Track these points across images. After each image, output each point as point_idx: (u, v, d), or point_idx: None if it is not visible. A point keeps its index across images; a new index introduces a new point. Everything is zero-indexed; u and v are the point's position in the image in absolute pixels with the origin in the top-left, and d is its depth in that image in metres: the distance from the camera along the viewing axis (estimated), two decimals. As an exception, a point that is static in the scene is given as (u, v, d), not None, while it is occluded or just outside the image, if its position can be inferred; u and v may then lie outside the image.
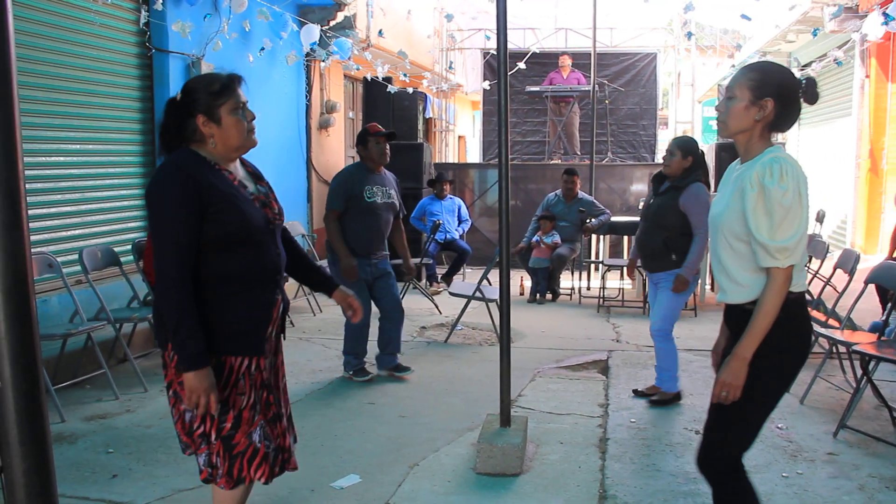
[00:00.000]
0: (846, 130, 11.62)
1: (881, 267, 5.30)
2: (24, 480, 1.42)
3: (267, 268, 2.66)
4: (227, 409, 2.59)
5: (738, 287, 2.61)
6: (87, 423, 4.73)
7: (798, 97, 2.59)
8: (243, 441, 2.62)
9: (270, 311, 2.70)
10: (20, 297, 1.40)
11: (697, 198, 5.02)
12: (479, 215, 12.57)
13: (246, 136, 2.63)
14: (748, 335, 2.49)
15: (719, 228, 2.64)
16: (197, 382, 2.47)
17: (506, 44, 3.98)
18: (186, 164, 2.54)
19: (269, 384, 2.73)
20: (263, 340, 2.67)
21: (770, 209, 2.44)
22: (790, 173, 2.45)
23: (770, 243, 2.44)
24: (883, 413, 4.78)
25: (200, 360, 2.48)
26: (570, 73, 13.72)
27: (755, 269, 2.54)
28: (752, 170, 2.51)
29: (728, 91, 2.63)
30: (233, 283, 2.58)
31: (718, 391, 2.54)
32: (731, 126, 2.62)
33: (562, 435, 4.56)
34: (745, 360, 2.49)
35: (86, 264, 5.46)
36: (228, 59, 7.88)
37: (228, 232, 2.53)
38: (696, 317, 8.11)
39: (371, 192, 5.57)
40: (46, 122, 5.82)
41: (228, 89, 2.59)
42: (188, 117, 2.57)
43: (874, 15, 9.19)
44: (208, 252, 2.53)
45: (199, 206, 2.48)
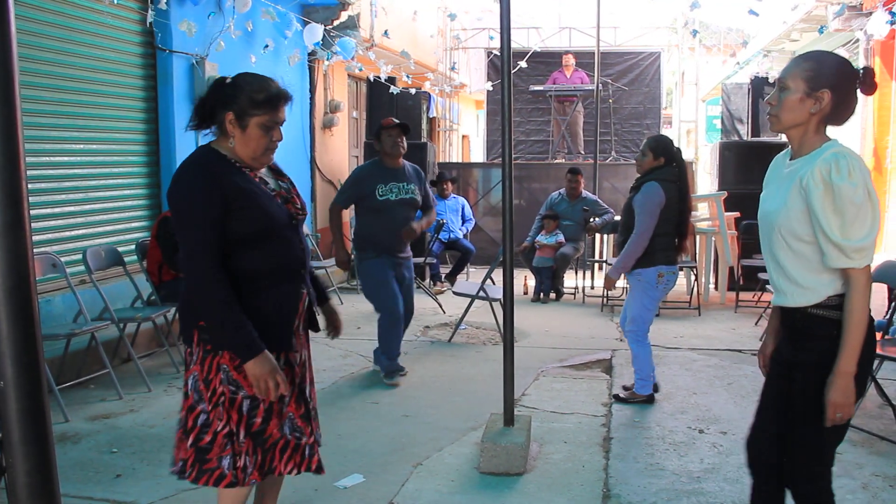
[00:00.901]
0: (850, 129, 11.59)
1: (885, 266, 5.28)
2: (27, 480, 1.42)
3: (292, 262, 2.66)
4: (257, 403, 2.58)
5: (798, 289, 2.46)
6: (91, 422, 4.74)
7: (855, 88, 2.44)
8: (275, 433, 2.63)
9: (296, 304, 2.71)
10: (22, 296, 1.40)
11: (645, 196, 4.96)
12: (482, 215, 12.57)
13: (262, 153, 2.61)
14: (847, 349, 2.34)
15: (775, 228, 2.48)
16: (259, 369, 2.47)
17: (509, 43, 3.98)
18: (208, 163, 2.54)
19: (301, 378, 2.76)
20: (291, 334, 2.68)
21: (841, 207, 2.30)
22: (857, 168, 2.31)
23: (845, 243, 2.31)
24: (887, 412, 4.77)
25: (256, 347, 2.48)
26: (573, 73, 13.71)
27: (818, 269, 2.41)
28: (813, 166, 2.36)
29: (780, 82, 2.48)
30: (259, 278, 2.58)
31: (833, 414, 2.37)
32: (784, 120, 2.47)
33: (565, 434, 4.56)
34: (849, 375, 2.35)
35: (89, 264, 5.46)
36: (232, 58, 7.89)
37: (253, 228, 2.53)
38: (700, 316, 8.09)
39: (384, 191, 5.50)
40: (50, 121, 5.83)
41: (271, 105, 2.55)
42: (223, 108, 2.56)
43: (879, 13, 9.17)
44: (234, 249, 2.54)
45: (224, 204, 2.48)
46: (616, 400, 5.18)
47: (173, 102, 7.10)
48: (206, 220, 2.46)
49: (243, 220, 2.51)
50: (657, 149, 5.08)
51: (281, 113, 2.59)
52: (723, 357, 6.35)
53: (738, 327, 7.57)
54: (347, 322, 5.74)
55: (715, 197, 9.15)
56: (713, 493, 3.70)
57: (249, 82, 2.56)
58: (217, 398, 2.55)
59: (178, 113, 7.14)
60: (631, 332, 5.12)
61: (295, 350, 2.72)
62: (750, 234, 8.44)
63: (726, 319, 7.98)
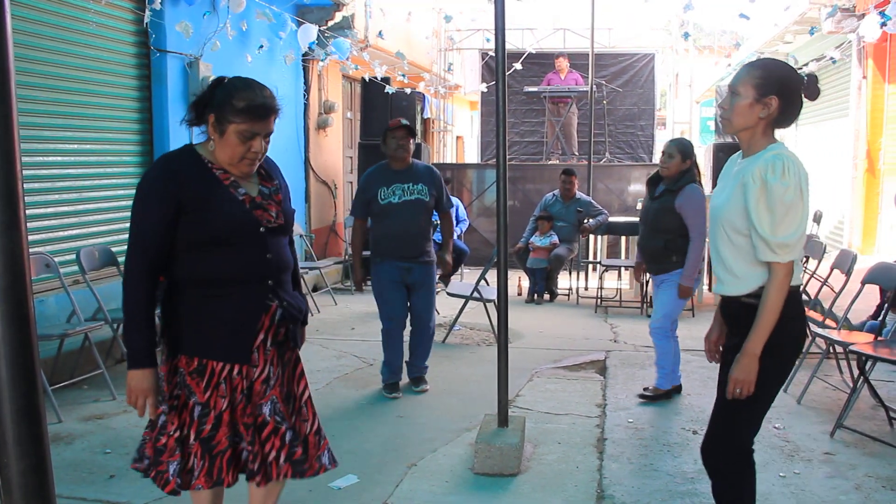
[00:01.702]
0: (843, 131, 11.64)
1: (878, 267, 5.31)
2: (22, 480, 1.42)
3: (251, 271, 2.54)
4: (207, 410, 2.52)
5: (735, 279, 2.66)
6: (85, 423, 4.73)
7: (800, 94, 2.63)
8: (223, 441, 2.54)
9: (259, 317, 2.56)
10: (18, 297, 1.40)
11: (692, 199, 5.03)
12: (477, 215, 12.57)
13: (238, 161, 2.52)
14: (756, 331, 2.54)
15: (719, 221, 2.68)
16: (136, 382, 2.44)
17: (504, 44, 3.98)
18: (176, 161, 2.53)
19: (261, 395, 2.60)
20: (247, 349, 2.55)
21: (772, 205, 2.49)
22: (792, 170, 2.49)
23: (771, 239, 2.49)
24: (880, 413, 4.78)
25: (143, 359, 2.45)
26: (567, 74, 13.72)
27: (753, 261, 2.59)
28: (755, 165, 2.55)
29: (732, 88, 2.66)
30: (215, 285, 2.52)
31: (732, 388, 2.58)
32: (735, 123, 2.65)
33: (559, 435, 4.56)
34: (755, 355, 2.55)
35: (83, 264, 5.45)
36: (226, 59, 7.88)
37: (205, 235, 2.47)
38: (694, 317, 8.11)
39: (386, 194, 5.28)
40: (44, 121, 5.82)
41: (250, 115, 2.46)
42: (208, 108, 2.52)
43: (871, 16, 9.20)
44: (185, 253, 2.50)
45: (176, 204, 2.44)
46: (643, 399, 5.20)
47: (167, 102, 7.09)
48: (147, 220, 2.45)
49: (195, 224, 2.46)
50: (685, 151, 5.14)
51: (264, 124, 2.50)
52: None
53: (731, 328, 7.57)
54: (341, 323, 5.74)
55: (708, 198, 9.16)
56: (707, 494, 3.70)
57: (236, 87, 2.49)
58: (172, 400, 2.54)
59: (172, 113, 7.12)
60: (660, 329, 5.18)
61: (254, 365, 2.57)
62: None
63: (720, 320, 7.98)
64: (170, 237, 2.46)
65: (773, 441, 4.40)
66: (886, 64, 10.49)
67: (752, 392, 2.56)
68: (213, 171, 2.54)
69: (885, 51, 10.44)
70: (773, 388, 2.68)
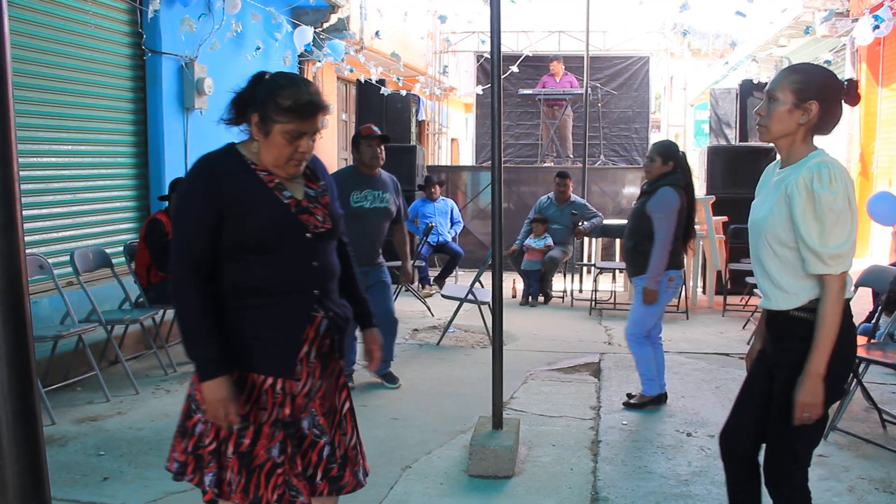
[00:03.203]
0: (837, 135, 11.66)
1: (871, 270, 5.33)
2: (18, 482, 1.42)
3: (296, 280, 2.39)
4: (247, 424, 2.36)
5: (782, 293, 2.55)
6: (78, 425, 4.72)
7: (841, 99, 2.53)
8: (262, 455, 2.37)
9: (303, 328, 2.39)
10: (14, 298, 1.40)
11: (661, 202, 4.95)
12: (471, 218, 12.58)
13: (284, 163, 2.38)
14: (817, 350, 2.43)
15: (762, 234, 2.57)
16: (210, 394, 2.27)
17: (499, 47, 3.99)
18: (217, 162, 2.37)
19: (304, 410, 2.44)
20: (291, 362, 2.38)
21: (820, 215, 2.39)
22: (839, 178, 2.40)
23: (822, 249, 2.39)
24: (873, 415, 4.80)
25: (212, 370, 2.28)
26: (562, 77, 13.75)
27: (801, 274, 2.50)
28: (798, 174, 2.45)
29: (769, 94, 2.56)
30: (251, 294, 2.36)
31: (801, 414, 2.46)
32: (773, 130, 2.55)
33: (554, 437, 4.57)
34: (819, 376, 2.43)
35: (77, 266, 5.44)
36: (221, 60, 7.88)
37: (247, 238, 2.32)
38: (688, 319, 8.12)
39: (358, 197, 5.33)
40: (38, 122, 5.81)
41: (297, 114, 2.31)
42: (251, 107, 2.37)
43: (865, 19, 9.24)
44: (227, 260, 2.34)
45: (218, 207, 2.29)
46: (627, 408, 5.14)
47: (162, 104, 7.08)
48: (189, 225, 2.31)
49: (239, 229, 2.31)
50: (666, 154, 5.07)
51: (311, 123, 2.35)
52: (710, 360, 6.37)
53: (725, 331, 7.60)
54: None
55: (703, 201, 9.18)
56: (701, 496, 3.72)
57: (280, 84, 2.34)
58: None
59: (166, 114, 7.13)
60: (631, 336, 5.13)
61: (296, 378, 2.40)
62: (737, 239, 8.48)
63: (714, 323, 8.02)
64: (214, 243, 2.32)
65: (767, 443, 4.40)
66: (880, 67, 10.53)
67: (821, 414, 2.46)
68: (257, 172, 2.39)
69: (879, 55, 10.49)
70: (830, 402, 2.53)
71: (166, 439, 4.44)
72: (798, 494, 2.62)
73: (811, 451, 2.62)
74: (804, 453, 2.60)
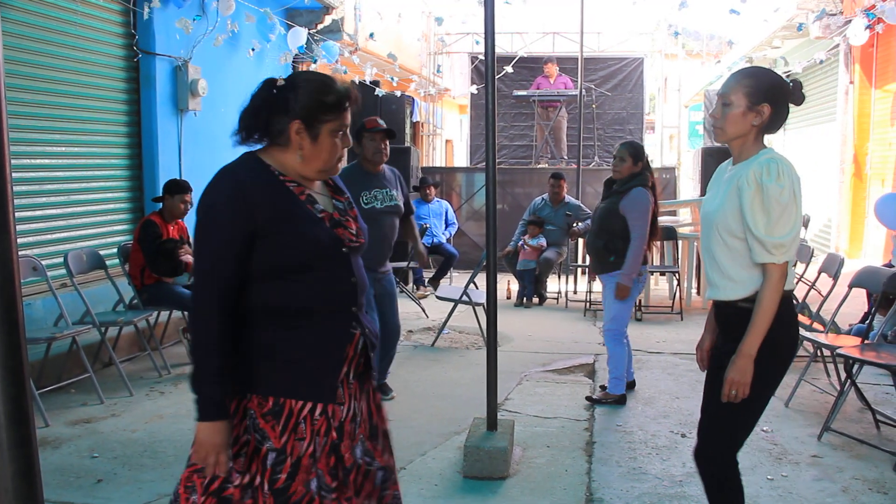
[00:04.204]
0: (831, 135, 11.71)
1: (865, 271, 5.34)
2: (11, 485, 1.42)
3: (337, 298, 2.23)
4: (283, 457, 2.15)
5: (730, 283, 2.67)
6: (72, 427, 4.71)
7: (788, 101, 2.68)
8: (300, 490, 2.17)
9: (343, 348, 2.23)
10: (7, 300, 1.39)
11: (636, 202, 5.10)
12: (466, 219, 12.58)
13: (334, 164, 2.24)
14: (751, 333, 2.56)
15: (713, 225, 2.69)
16: (206, 436, 2.09)
17: (493, 48, 3.99)
18: (244, 173, 2.16)
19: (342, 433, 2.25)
20: (333, 384, 2.20)
21: (768, 206, 2.52)
22: (786, 172, 2.54)
23: (767, 239, 2.52)
24: (867, 416, 4.81)
25: (213, 412, 2.09)
26: (557, 78, 13.77)
27: (749, 265, 2.62)
28: (749, 169, 2.59)
29: (723, 98, 2.68)
30: (291, 316, 2.17)
31: (728, 390, 2.59)
32: (729, 132, 2.68)
33: (548, 438, 4.57)
34: (750, 357, 2.56)
35: (71, 267, 5.42)
36: (215, 62, 7.87)
37: (286, 258, 2.14)
38: (682, 320, 8.13)
39: (368, 198, 5.01)
40: (31, 123, 5.80)
41: (341, 107, 2.18)
42: (282, 115, 2.16)
43: (858, 20, 9.26)
44: (261, 279, 2.15)
45: (251, 226, 2.10)
46: (589, 401, 5.24)
47: (156, 105, 7.07)
48: (217, 246, 2.11)
49: (274, 248, 2.13)
50: (636, 154, 5.23)
51: (348, 116, 2.23)
52: (705, 361, 6.37)
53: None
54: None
55: (697, 202, 9.21)
56: (695, 497, 3.72)
57: (312, 84, 2.19)
58: (240, 447, 2.17)
59: (160, 116, 7.11)
60: (611, 332, 5.21)
61: (340, 403, 2.22)
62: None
63: (708, 324, 8.02)
64: (245, 264, 2.13)
65: (761, 444, 4.42)
66: (873, 69, 10.56)
67: (747, 394, 2.58)
68: (287, 184, 2.20)
69: (872, 56, 10.51)
70: (767, 392, 2.70)
71: (160, 441, 4.45)
72: (726, 475, 2.76)
73: (743, 434, 2.76)
74: (736, 436, 2.74)
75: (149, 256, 5.77)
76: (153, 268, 5.81)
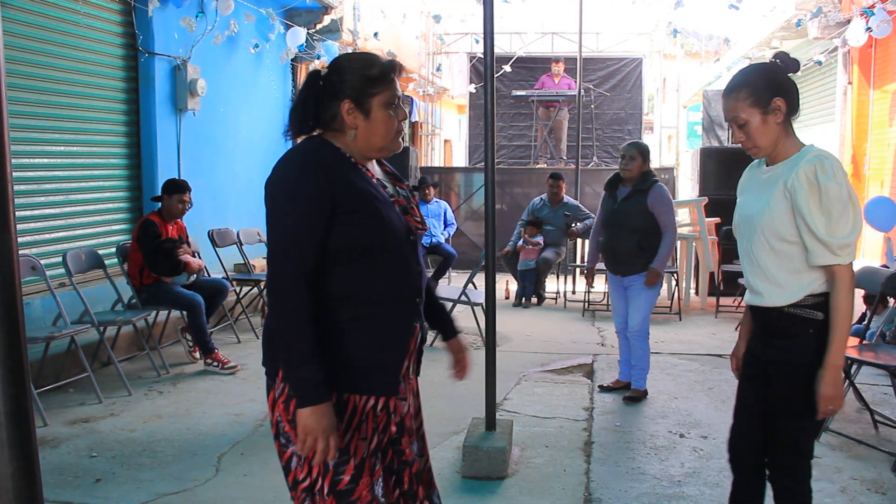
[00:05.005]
0: (829, 136, 11.71)
1: (863, 271, 5.35)
2: (11, 484, 1.42)
3: (406, 287, 2.16)
4: (346, 457, 2.06)
5: (777, 289, 2.54)
6: (71, 426, 4.70)
7: (786, 76, 2.56)
8: (365, 495, 2.07)
9: (407, 341, 2.17)
10: (7, 299, 1.39)
11: (663, 197, 5.22)
12: (464, 219, 12.59)
13: (393, 137, 2.17)
14: (834, 342, 2.44)
15: (757, 230, 2.56)
16: (313, 421, 1.96)
17: (492, 48, 3.99)
18: (320, 153, 2.08)
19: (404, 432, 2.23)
20: (396, 378, 2.14)
21: (828, 206, 2.39)
22: (840, 169, 2.43)
23: (831, 240, 2.40)
24: (865, 416, 4.81)
25: (318, 394, 1.97)
26: (561, 79, 13.77)
27: (797, 270, 2.50)
28: (797, 168, 2.44)
29: (734, 121, 2.57)
30: (362, 304, 2.08)
31: (825, 407, 2.46)
32: (763, 144, 2.55)
33: (547, 438, 4.57)
34: (838, 367, 2.44)
35: (69, 267, 5.42)
36: (214, 61, 7.87)
37: (365, 239, 2.06)
38: (681, 321, 8.14)
39: None
40: (31, 123, 5.80)
41: (387, 78, 2.12)
42: (332, 100, 2.10)
43: (856, 21, 9.27)
44: (334, 264, 2.05)
45: (331, 204, 2.01)
46: (627, 402, 5.27)
47: (155, 105, 7.07)
48: (300, 222, 2.00)
49: (353, 226, 2.04)
50: (645, 153, 5.32)
51: (398, 86, 2.17)
52: (703, 362, 6.39)
53: (718, 332, 7.62)
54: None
55: (696, 202, 9.21)
56: (694, 497, 3.72)
57: (354, 61, 2.14)
58: None
59: (159, 115, 7.11)
60: (642, 331, 5.28)
61: (402, 398, 2.18)
62: (730, 240, 8.48)
63: (707, 324, 8.03)
64: (324, 244, 2.03)
65: (760, 444, 4.42)
66: (871, 70, 10.57)
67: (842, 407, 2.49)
68: (359, 166, 2.13)
69: (870, 57, 10.52)
70: None
71: (159, 441, 4.45)
72: (801, 489, 2.63)
73: (812, 443, 2.64)
74: (806, 446, 2.62)
75: (147, 256, 5.77)
76: (152, 267, 5.81)
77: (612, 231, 5.38)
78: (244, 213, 8.41)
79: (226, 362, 5.91)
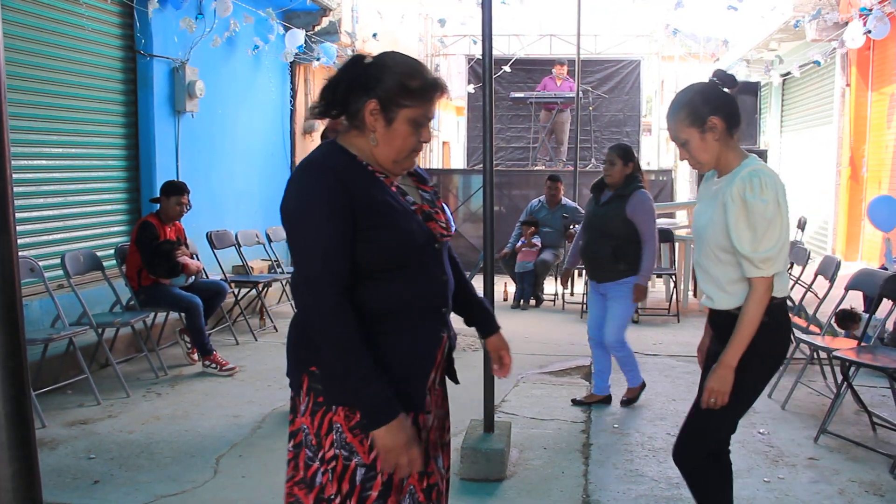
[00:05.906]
0: (827, 138, 11.72)
1: (861, 273, 5.35)
2: (11, 485, 1.42)
3: (430, 298, 2.08)
4: (373, 474, 1.99)
5: (724, 294, 2.69)
6: (69, 428, 4.70)
7: (723, 93, 2.66)
8: None
9: (434, 353, 2.09)
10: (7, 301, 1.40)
11: (643, 205, 5.04)
12: (463, 221, 12.58)
13: (405, 156, 2.04)
14: (733, 344, 2.59)
15: (705, 241, 2.71)
16: (390, 440, 1.89)
17: (491, 50, 3.99)
18: (336, 165, 1.97)
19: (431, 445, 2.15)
20: (422, 393, 2.06)
21: (753, 222, 2.52)
22: (769, 185, 2.53)
23: (754, 255, 2.53)
24: (863, 418, 4.82)
25: (389, 411, 1.89)
26: (563, 82, 13.76)
27: (739, 278, 2.63)
28: (732, 185, 2.58)
29: (676, 140, 2.70)
30: (386, 318, 2.00)
31: (707, 398, 2.62)
32: (705, 161, 2.69)
33: (545, 440, 4.57)
34: (731, 367, 2.59)
35: (68, 268, 5.42)
36: (213, 63, 7.87)
37: (383, 255, 1.97)
38: (679, 323, 8.14)
39: None
40: (29, 125, 5.80)
41: (425, 96, 2.01)
42: (362, 92, 1.98)
43: (855, 23, 9.28)
44: (355, 281, 1.96)
45: (351, 217, 1.92)
46: (624, 405, 5.23)
47: (153, 107, 7.07)
48: (329, 233, 1.90)
49: (372, 241, 1.95)
50: (626, 156, 5.14)
51: (433, 109, 2.06)
52: (701, 363, 6.38)
53: (716, 334, 7.61)
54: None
55: (693, 205, 9.21)
56: (691, 500, 3.70)
57: (401, 64, 2.01)
58: (327, 463, 2.01)
59: (158, 117, 7.12)
60: (617, 342, 5.10)
61: (427, 411, 2.09)
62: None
63: (704, 326, 8.02)
64: (350, 258, 1.94)
65: (758, 446, 4.42)
66: (870, 71, 10.57)
67: (726, 402, 2.61)
68: (376, 175, 2.03)
69: (869, 59, 10.53)
70: (751, 396, 2.74)
71: (157, 442, 4.45)
72: (700, 467, 2.81)
73: (720, 437, 2.80)
74: (711, 433, 2.78)
75: (146, 258, 5.77)
76: (150, 269, 5.81)
77: (590, 235, 5.22)
78: (242, 214, 8.41)
79: (224, 364, 5.91)
